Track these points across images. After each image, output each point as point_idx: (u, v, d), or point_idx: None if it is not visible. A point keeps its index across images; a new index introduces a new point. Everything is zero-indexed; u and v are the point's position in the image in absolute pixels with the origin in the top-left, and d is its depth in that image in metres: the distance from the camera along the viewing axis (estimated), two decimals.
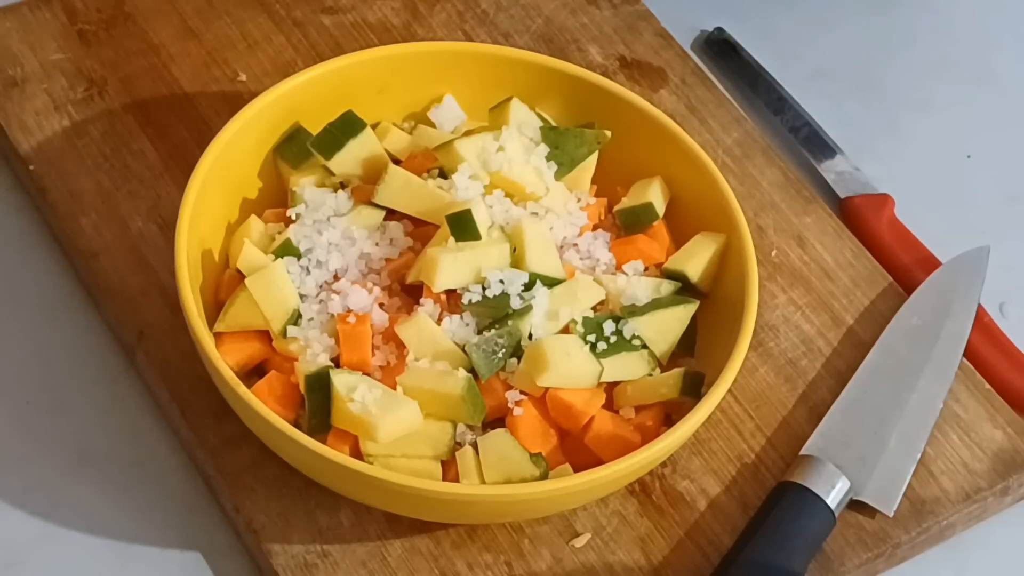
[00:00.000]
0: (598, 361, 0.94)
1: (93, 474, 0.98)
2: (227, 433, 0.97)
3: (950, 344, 1.03)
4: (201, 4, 1.16)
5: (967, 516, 1.00)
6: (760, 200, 1.11)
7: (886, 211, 1.13)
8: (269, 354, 0.96)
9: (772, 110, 1.19)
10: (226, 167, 0.99)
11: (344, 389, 0.92)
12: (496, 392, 0.94)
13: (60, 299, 1.05)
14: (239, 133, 1.00)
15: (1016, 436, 1.02)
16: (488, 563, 0.95)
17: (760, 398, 1.02)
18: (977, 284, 1.06)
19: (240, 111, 1.00)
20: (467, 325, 0.95)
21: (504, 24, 1.18)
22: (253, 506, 0.95)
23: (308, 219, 0.99)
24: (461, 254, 0.95)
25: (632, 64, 1.17)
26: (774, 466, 0.99)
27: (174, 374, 0.99)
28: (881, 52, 1.24)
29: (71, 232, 1.05)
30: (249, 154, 1.02)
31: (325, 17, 1.17)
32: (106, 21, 1.15)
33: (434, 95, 1.06)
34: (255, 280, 0.95)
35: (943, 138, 1.20)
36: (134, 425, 1.00)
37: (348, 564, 0.94)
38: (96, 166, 1.08)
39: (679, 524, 0.97)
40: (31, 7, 1.15)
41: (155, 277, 1.03)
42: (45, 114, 1.10)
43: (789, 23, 1.25)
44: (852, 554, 0.97)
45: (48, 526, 0.96)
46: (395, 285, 0.98)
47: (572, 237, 1.00)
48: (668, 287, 0.99)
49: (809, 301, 1.07)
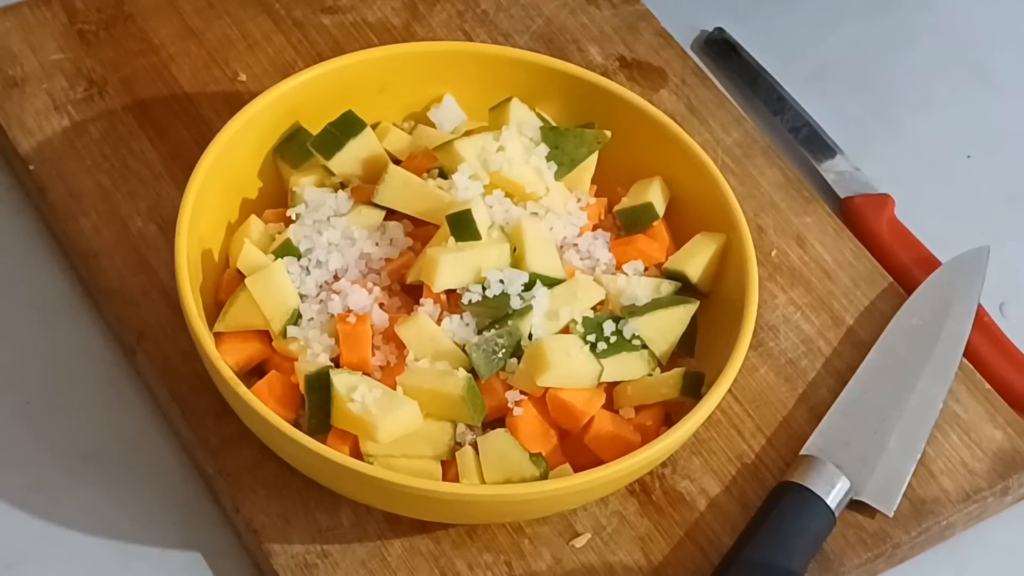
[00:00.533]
0: (598, 361, 0.94)
1: (93, 474, 0.98)
2: (227, 433, 0.97)
3: (950, 344, 1.03)
4: (201, 4, 1.16)
5: (967, 516, 1.00)
6: (760, 200, 1.11)
7: (886, 211, 1.13)
8: (269, 354, 0.96)
9: (772, 110, 1.19)
10: (226, 167, 0.99)
11: (344, 389, 0.92)
12: (496, 392, 0.94)
13: (60, 299, 1.05)
14: (239, 133, 1.00)
15: (1016, 436, 1.02)
16: (488, 563, 0.95)
17: (760, 398, 1.02)
18: (977, 284, 1.06)
19: (240, 111, 1.00)
20: (467, 325, 0.95)
21: (504, 24, 1.18)
22: (253, 506, 0.95)
23: (308, 219, 0.99)
24: (461, 254, 0.95)
25: (632, 64, 1.17)
26: (774, 466, 0.99)
27: (174, 374, 0.99)
28: (881, 52, 1.24)
29: (71, 232, 1.05)
30: (249, 154, 1.02)
31: (325, 17, 1.17)
32: (106, 21, 1.15)
33: (434, 95, 1.06)
34: (255, 280, 0.95)
35: (943, 138, 1.20)
36: (134, 425, 1.00)
37: (348, 564, 0.94)
38: (96, 166, 1.08)
39: (679, 524, 0.97)
40: (31, 7, 1.15)
41: (155, 277, 1.03)
42: (45, 114, 1.10)
43: (789, 23, 1.25)
44: (852, 554, 0.97)
45: (48, 526, 0.96)
46: (395, 285, 0.98)
47: (572, 237, 1.00)
48: (668, 287, 0.99)
49: (809, 301, 1.07)
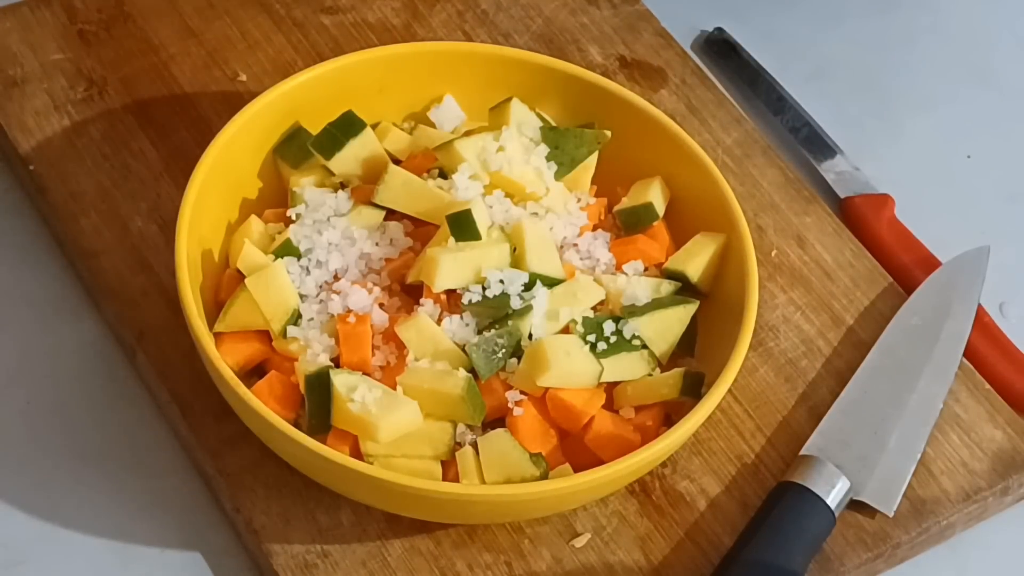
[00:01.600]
0: (598, 361, 0.94)
1: (93, 474, 0.98)
2: (227, 433, 0.97)
3: (950, 344, 1.03)
4: (201, 4, 1.16)
5: (967, 516, 1.00)
6: (760, 200, 1.11)
7: (886, 211, 1.13)
8: (269, 354, 0.96)
9: (772, 110, 1.19)
10: (226, 167, 0.99)
11: (344, 389, 0.92)
12: (496, 392, 0.94)
13: (60, 299, 1.05)
14: (239, 133, 1.00)
15: (1016, 436, 1.02)
16: (488, 563, 0.95)
17: (760, 398, 1.02)
18: (977, 284, 1.06)
19: (240, 111, 1.00)
20: (467, 325, 0.95)
21: (504, 24, 1.18)
22: (253, 506, 0.95)
23: (308, 219, 0.99)
24: (461, 254, 0.95)
25: (632, 64, 1.17)
26: (774, 466, 0.99)
27: (174, 374, 0.99)
28: (881, 52, 1.24)
29: (71, 232, 1.05)
30: (249, 154, 1.02)
31: (325, 17, 1.17)
32: (106, 21, 1.15)
33: (434, 95, 1.06)
34: (255, 280, 0.95)
35: (943, 138, 1.20)
36: (134, 425, 1.00)
37: (348, 564, 0.94)
38: (96, 166, 1.08)
39: (679, 524, 0.97)
40: (31, 7, 1.15)
41: (155, 277, 1.03)
42: (45, 114, 1.10)
43: (789, 23, 1.25)
44: (852, 554, 0.97)
45: (48, 526, 0.96)
46: (395, 285, 0.98)
47: (572, 237, 1.00)
48: (668, 287, 0.99)
49: (809, 301, 1.07)
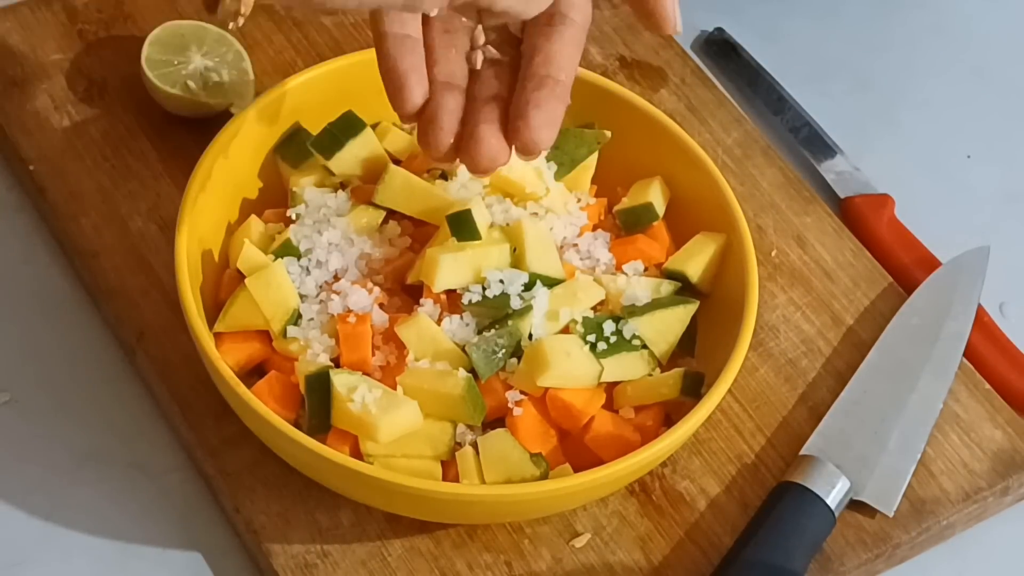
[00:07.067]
0: (598, 361, 0.94)
1: (93, 474, 0.98)
2: (227, 433, 0.97)
3: (950, 344, 1.03)
4: (201, 4, 1.16)
5: (967, 516, 1.00)
6: (760, 200, 1.11)
7: (886, 211, 1.13)
8: (269, 354, 0.96)
9: (772, 110, 1.19)
10: (226, 167, 0.99)
11: (344, 389, 0.92)
12: (496, 392, 0.94)
13: (60, 299, 1.05)
14: (239, 133, 1.00)
15: (1016, 436, 1.02)
16: (488, 563, 0.95)
17: (760, 398, 1.02)
18: (977, 284, 1.06)
19: (240, 111, 1.00)
20: (467, 325, 0.95)
21: None
22: (253, 506, 0.95)
23: (308, 219, 0.99)
24: (461, 254, 0.95)
25: (632, 64, 1.17)
26: (774, 466, 0.99)
27: (174, 374, 0.99)
28: (881, 52, 1.24)
29: (71, 232, 1.05)
30: (249, 154, 1.02)
31: (325, 17, 1.17)
32: (106, 21, 1.15)
33: None
34: (255, 280, 0.95)
35: (943, 138, 1.20)
36: (134, 425, 1.00)
37: (348, 564, 0.94)
38: (96, 166, 1.08)
39: (679, 524, 0.97)
40: (31, 7, 1.15)
41: (155, 277, 1.03)
42: (45, 114, 1.10)
43: (789, 23, 1.25)
44: (852, 554, 0.97)
45: (48, 526, 0.96)
46: (395, 285, 0.98)
47: (572, 237, 1.00)
48: (668, 287, 0.99)
49: (809, 301, 1.07)
